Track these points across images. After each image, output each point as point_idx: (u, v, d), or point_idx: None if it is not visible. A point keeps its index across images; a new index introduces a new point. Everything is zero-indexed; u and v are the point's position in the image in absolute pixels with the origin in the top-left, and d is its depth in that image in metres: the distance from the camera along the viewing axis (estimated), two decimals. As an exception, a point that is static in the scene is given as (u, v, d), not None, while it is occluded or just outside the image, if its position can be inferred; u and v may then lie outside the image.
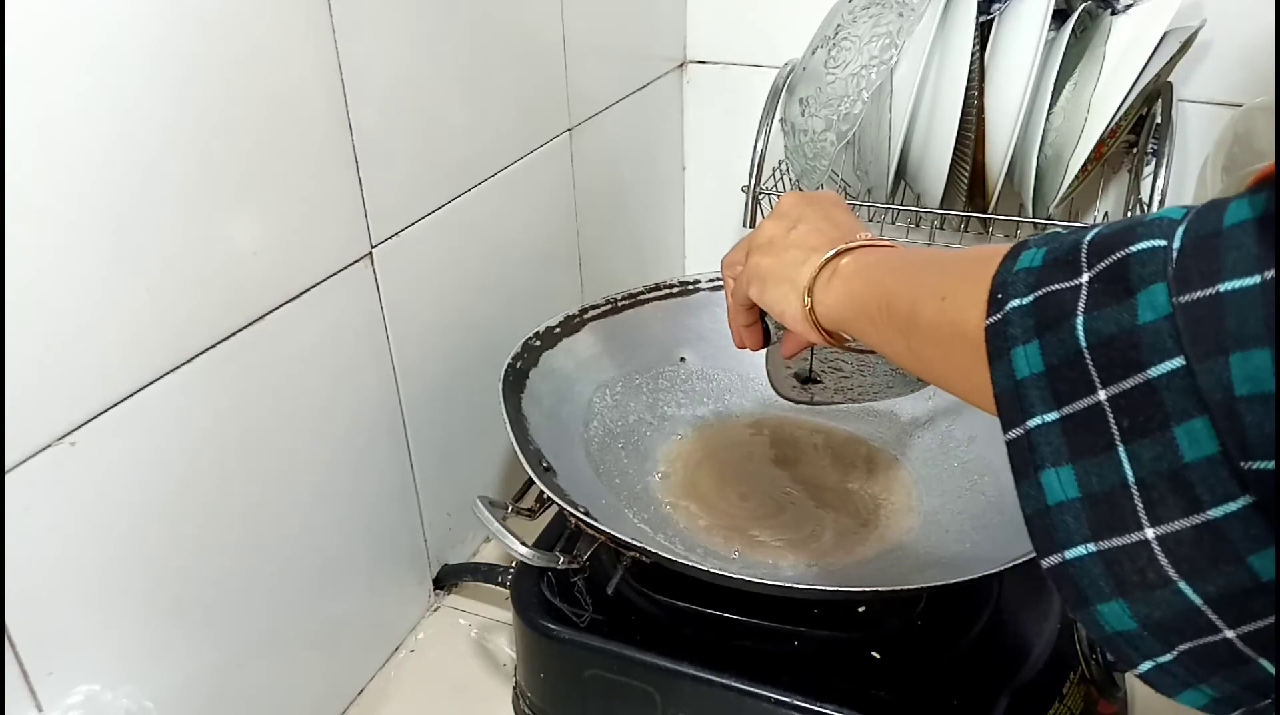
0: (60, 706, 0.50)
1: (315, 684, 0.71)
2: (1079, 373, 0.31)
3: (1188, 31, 0.80)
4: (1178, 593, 0.29)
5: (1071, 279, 0.31)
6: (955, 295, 0.38)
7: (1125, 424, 0.30)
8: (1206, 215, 0.29)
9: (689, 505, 0.72)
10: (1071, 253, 0.32)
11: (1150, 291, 0.29)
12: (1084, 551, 0.31)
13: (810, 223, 0.53)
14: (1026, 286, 0.33)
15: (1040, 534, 0.33)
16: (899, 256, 0.48)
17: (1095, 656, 0.65)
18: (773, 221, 0.55)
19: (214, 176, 0.53)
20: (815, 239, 0.52)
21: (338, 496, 0.69)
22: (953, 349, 0.38)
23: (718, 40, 1.06)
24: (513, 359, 0.73)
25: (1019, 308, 0.33)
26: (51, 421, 0.47)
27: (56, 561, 0.49)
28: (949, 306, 0.38)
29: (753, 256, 0.55)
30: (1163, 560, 0.29)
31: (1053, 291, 0.32)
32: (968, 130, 0.80)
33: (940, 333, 0.39)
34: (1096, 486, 0.31)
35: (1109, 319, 0.30)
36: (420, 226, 0.71)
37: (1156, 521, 0.29)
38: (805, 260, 0.51)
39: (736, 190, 0.92)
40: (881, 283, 0.46)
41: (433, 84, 0.69)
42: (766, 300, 0.54)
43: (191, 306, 0.54)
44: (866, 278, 0.48)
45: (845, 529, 0.70)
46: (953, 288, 0.39)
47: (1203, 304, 0.28)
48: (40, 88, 0.43)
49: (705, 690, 0.60)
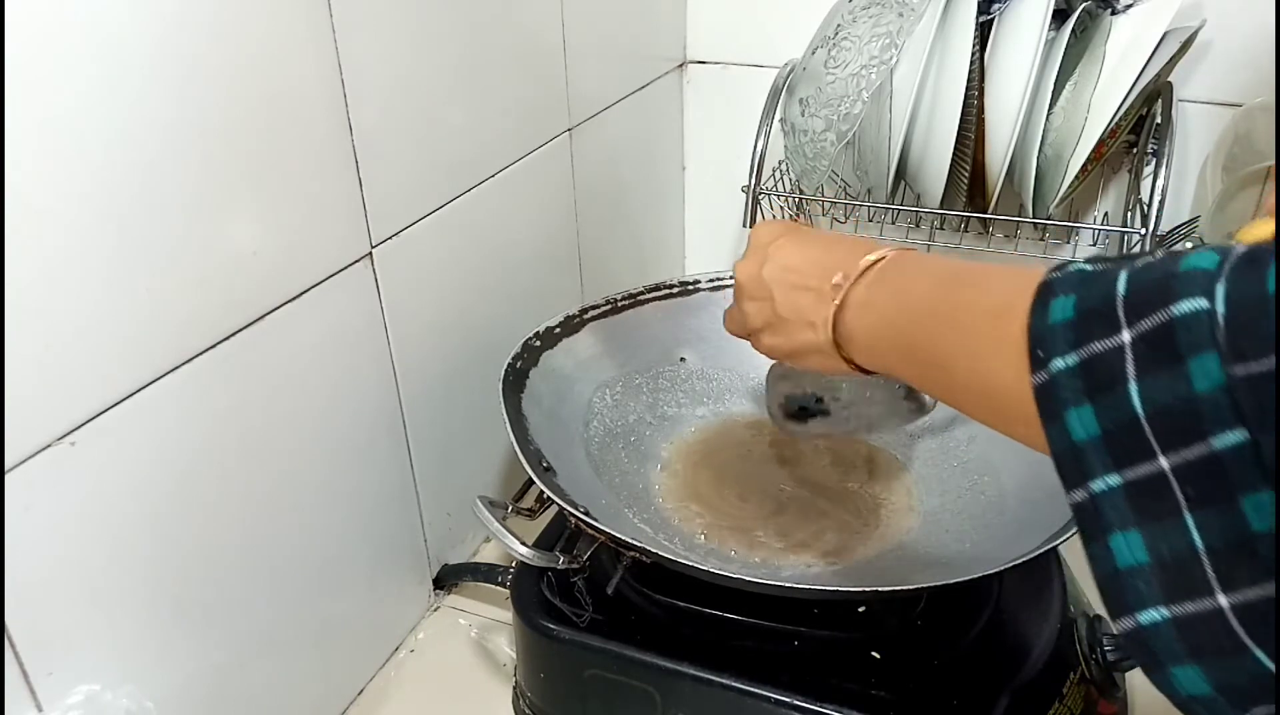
0: (60, 706, 0.50)
1: (315, 684, 0.71)
2: (1138, 440, 0.30)
3: (1188, 31, 0.80)
4: (1254, 660, 0.29)
5: (1112, 336, 0.31)
6: (986, 356, 0.38)
7: (1191, 492, 0.29)
8: (1247, 275, 0.28)
9: (689, 505, 0.72)
10: (1106, 305, 0.31)
11: (1201, 360, 0.28)
12: (1157, 616, 0.31)
13: (784, 288, 0.53)
14: (1067, 343, 0.33)
15: (1113, 597, 0.32)
16: (910, 297, 0.46)
17: (1095, 656, 0.65)
18: (752, 303, 0.56)
19: (214, 176, 0.53)
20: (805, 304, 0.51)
21: (338, 496, 0.69)
22: (994, 406, 0.38)
23: (718, 40, 1.06)
24: (513, 359, 0.73)
25: (1066, 369, 0.32)
26: (51, 421, 0.47)
27: (56, 561, 0.49)
28: (982, 367, 0.38)
29: (761, 340, 0.56)
30: (1237, 627, 0.29)
31: (1097, 353, 0.31)
32: (968, 130, 0.80)
33: (977, 390, 0.39)
34: (1166, 553, 0.30)
35: (1163, 387, 0.29)
36: (420, 226, 0.71)
37: (1229, 589, 0.29)
38: (812, 323, 0.51)
39: (736, 190, 0.92)
40: (905, 333, 0.45)
41: (433, 84, 0.69)
42: (796, 363, 0.55)
43: (191, 306, 0.54)
44: (889, 322, 0.47)
45: (845, 529, 0.70)
46: (982, 347, 0.38)
47: (1262, 378, 0.27)
48: (40, 88, 0.43)
49: (705, 690, 0.60)
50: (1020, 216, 0.85)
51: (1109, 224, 0.92)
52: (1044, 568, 0.66)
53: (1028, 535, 0.61)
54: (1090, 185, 0.95)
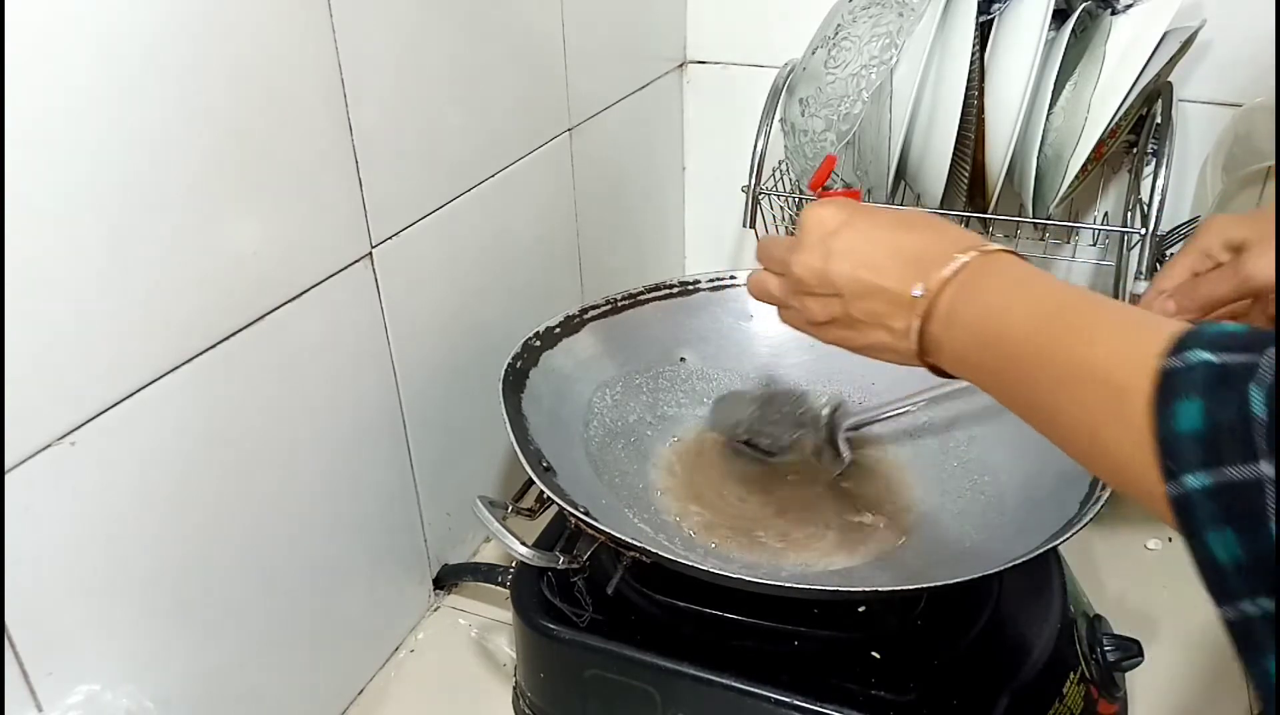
0: (60, 706, 0.50)
1: (315, 684, 0.71)
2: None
3: (1188, 31, 0.80)
4: None
5: (1249, 463, 0.30)
6: (1102, 425, 0.37)
7: None
8: None
9: (689, 505, 0.72)
10: (1241, 427, 0.31)
11: None
12: None
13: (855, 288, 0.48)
14: (1199, 461, 0.32)
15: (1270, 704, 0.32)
16: (1005, 326, 0.43)
17: (1095, 656, 0.65)
18: (817, 301, 0.50)
19: (214, 176, 0.53)
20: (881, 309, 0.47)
21: (338, 496, 0.69)
22: (1108, 469, 0.38)
23: (718, 40, 1.06)
24: (513, 359, 0.73)
25: (1201, 489, 0.32)
26: (51, 421, 0.47)
27: (56, 561, 0.49)
28: (1098, 434, 0.37)
29: (828, 333, 0.52)
30: None
31: (1235, 482, 0.31)
32: (968, 130, 0.80)
33: (1085, 448, 0.38)
34: None
35: None
36: (420, 226, 0.71)
37: None
38: (890, 328, 0.47)
39: (736, 190, 0.92)
40: (1001, 365, 0.43)
41: (433, 84, 0.69)
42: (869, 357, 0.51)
43: (191, 306, 0.54)
44: (980, 344, 0.44)
45: (845, 529, 0.70)
46: (1096, 417, 0.37)
47: None
48: (40, 87, 0.43)
49: (705, 690, 0.60)
50: (1020, 216, 0.85)
51: (1109, 224, 0.92)
52: (1044, 568, 0.66)
53: (1028, 535, 0.61)
54: (1090, 185, 0.95)
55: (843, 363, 0.80)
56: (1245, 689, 0.73)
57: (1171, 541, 0.85)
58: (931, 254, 0.46)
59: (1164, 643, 0.75)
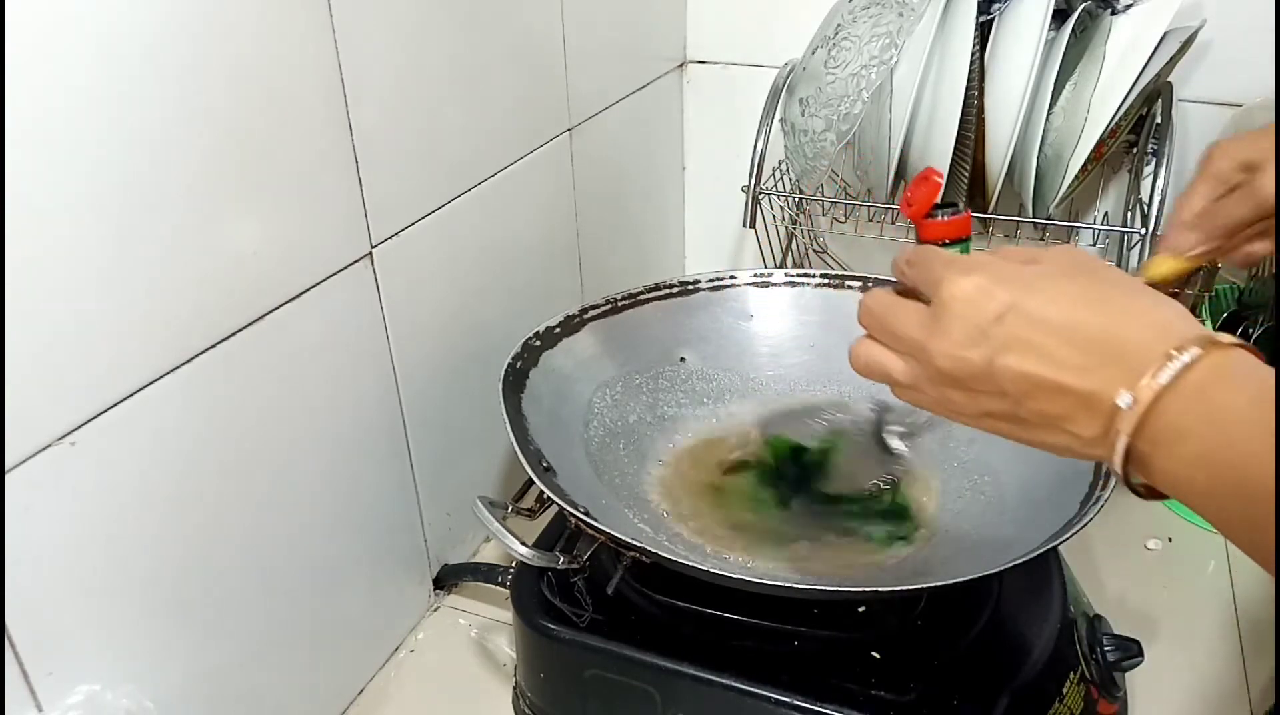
0: (60, 706, 0.50)
1: (315, 684, 0.71)
2: None
3: (1188, 31, 0.80)
4: None
5: None
6: None
7: None
8: None
9: (689, 505, 0.72)
10: None
11: None
12: None
13: (1029, 389, 0.38)
14: None
15: None
16: (1245, 454, 0.34)
17: (1095, 656, 0.65)
18: (969, 396, 0.41)
19: (214, 176, 0.53)
20: (1066, 412, 0.38)
21: (338, 496, 0.69)
22: None
23: (718, 40, 1.06)
24: (513, 359, 0.73)
25: None
26: (51, 421, 0.47)
27: (56, 561, 0.49)
28: None
29: (980, 424, 0.42)
30: None
31: None
32: (968, 130, 0.80)
33: None
34: None
35: None
36: (420, 226, 0.71)
37: None
38: (1077, 436, 0.38)
39: (736, 190, 0.92)
40: (1241, 499, 0.34)
41: (432, 84, 0.69)
42: None
43: (191, 306, 0.54)
44: (1210, 469, 0.35)
45: (846, 529, 0.70)
46: None
47: None
48: (40, 87, 0.43)
49: (705, 690, 0.60)
50: (1020, 216, 0.85)
51: (1109, 224, 0.92)
52: (1044, 568, 0.66)
53: (1028, 535, 0.61)
54: (1090, 185, 0.95)
55: (844, 362, 0.80)
56: (1245, 689, 0.73)
57: (1171, 541, 0.85)
58: (1135, 346, 0.37)
59: (1164, 643, 0.75)
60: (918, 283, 0.43)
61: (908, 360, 0.43)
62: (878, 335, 0.45)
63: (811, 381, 0.81)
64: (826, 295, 0.83)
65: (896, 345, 0.44)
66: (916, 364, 0.43)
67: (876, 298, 0.45)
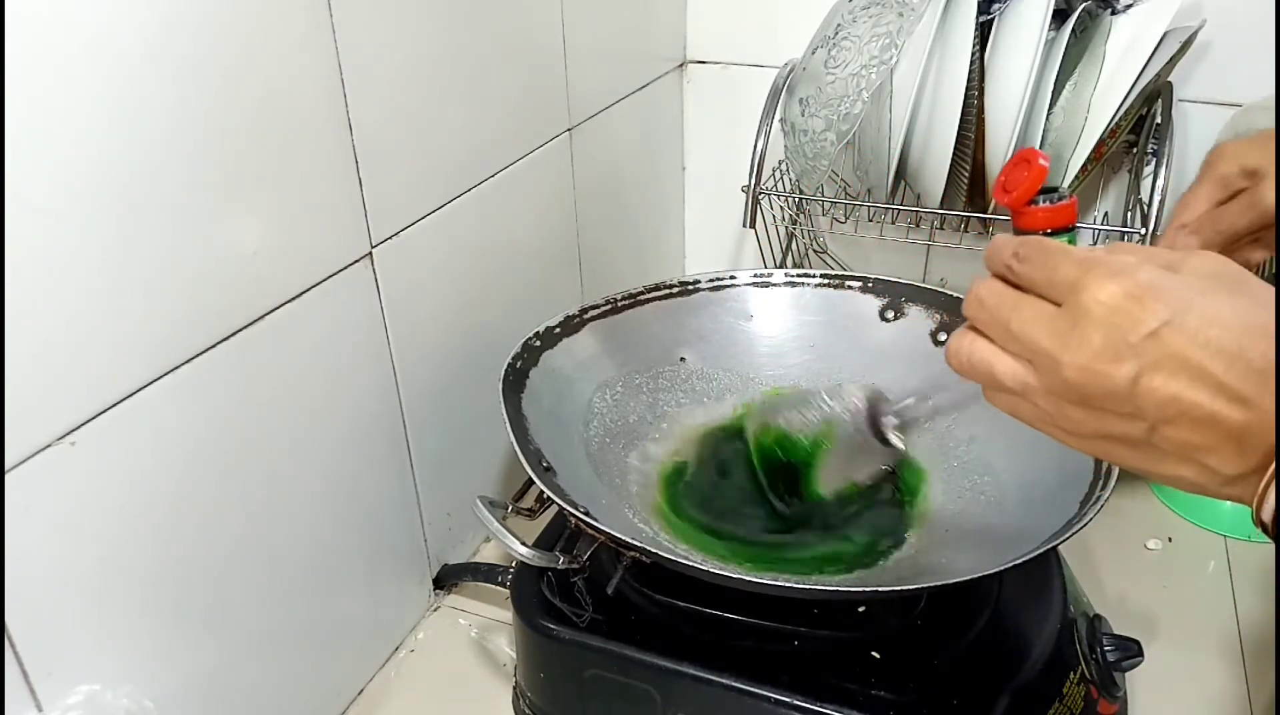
0: (60, 706, 0.50)
1: (315, 684, 0.71)
2: None
3: (1188, 31, 0.80)
4: None
5: None
6: None
7: None
8: None
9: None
10: None
11: None
12: None
13: (1170, 413, 0.35)
14: None
15: None
16: None
17: (1095, 656, 0.65)
18: (1094, 416, 0.37)
19: (213, 176, 0.53)
20: (1206, 443, 0.35)
21: (338, 496, 0.69)
22: None
23: (718, 40, 1.06)
24: (513, 359, 0.73)
25: None
26: (51, 421, 0.47)
27: (56, 561, 0.49)
28: None
29: (1093, 446, 0.38)
30: None
31: None
32: (968, 130, 0.80)
33: None
34: None
35: None
36: (420, 226, 0.71)
37: None
38: (1212, 471, 0.35)
39: (736, 190, 0.92)
40: None
41: (433, 83, 0.69)
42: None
43: (191, 306, 0.54)
44: None
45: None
46: None
47: None
48: (39, 87, 0.43)
49: (705, 690, 0.60)
50: (1020, 216, 0.85)
51: (1109, 224, 0.92)
52: (1044, 568, 0.66)
53: (1028, 535, 0.60)
54: (1090, 185, 0.95)
55: (844, 362, 0.81)
56: (1245, 689, 0.73)
57: (1171, 541, 0.85)
58: None
59: (1164, 643, 0.75)
60: (1036, 281, 0.38)
61: (1024, 365, 0.38)
62: (989, 331, 0.40)
63: (812, 381, 0.81)
64: (826, 295, 0.83)
65: (1012, 346, 0.39)
66: (1033, 371, 0.38)
67: (993, 289, 0.40)
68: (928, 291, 0.81)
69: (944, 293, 0.80)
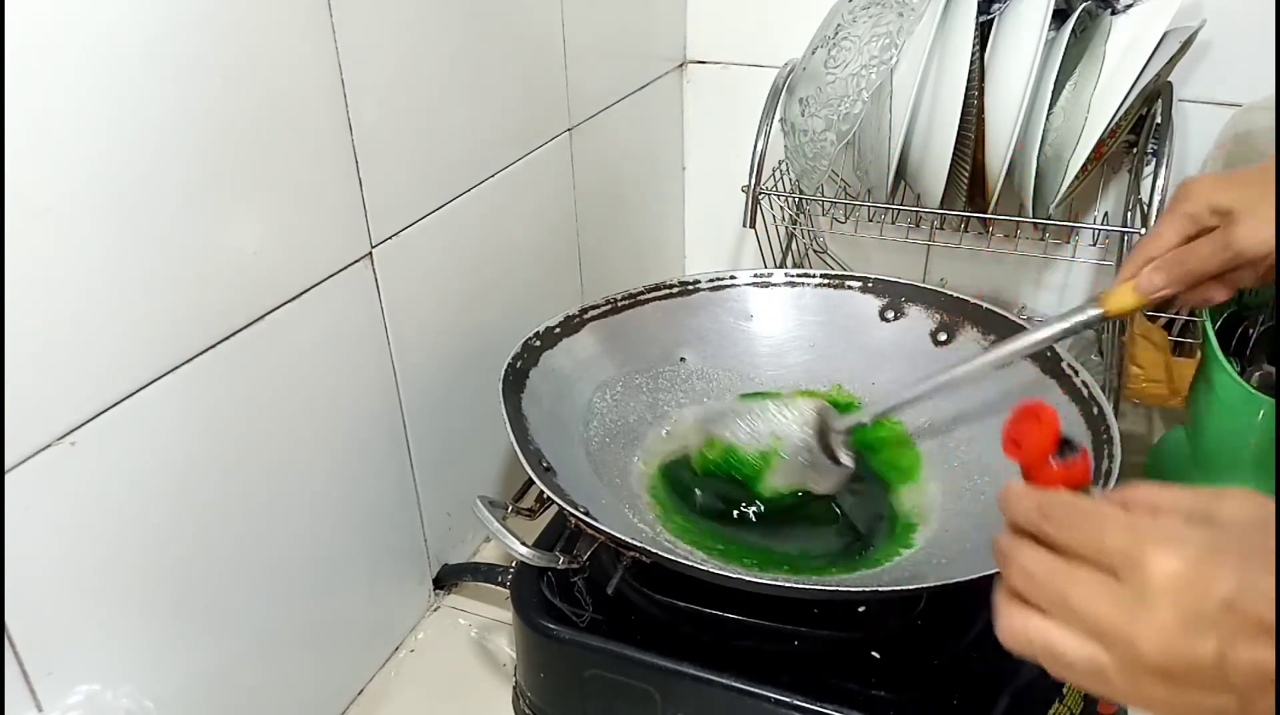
0: (60, 706, 0.50)
1: (315, 684, 0.71)
2: None
3: (1188, 31, 0.80)
4: None
5: None
6: None
7: None
8: None
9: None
10: None
11: None
12: None
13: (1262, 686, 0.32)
14: None
15: None
16: None
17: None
18: (1177, 692, 0.34)
19: (214, 176, 0.53)
20: None
21: (338, 496, 0.69)
22: None
23: (718, 40, 1.06)
24: (513, 359, 0.73)
25: None
26: (51, 421, 0.47)
27: (56, 561, 0.49)
28: None
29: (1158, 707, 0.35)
30: None
31: None
32: (968, 130, 0.80)
33: None
34: None
35: None
36: (420, 226, 0.71)
37: None
38: None
39: (736, 190, 0.92)
40: None
41: (432, 83, 0.69)
42: None
43: (191, 306, 0.54)
44: None
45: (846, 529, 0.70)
46: None
47: None
48: (40, 87, 0.43)
49: (705, 690, 0.60)
50: (1020, 216, 0.85)
51: (1109, 224, 0.92)
52: (1044, 568, 0.66)
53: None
54: (1090, 185, 0.95)
55: (844, 362, 0.81)
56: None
57: (1171, 541, 0.84)
58: None
59: (1164, 643, 0.75)
60: (1083, 550, 0.36)
61: (1093, 644, 0.35)
62: (1044, 605, 0.36)
63: (812, 381, 0.81)
64: (826, 295, 0.83)
65: (1075, 624, 0.35)
66: (1106, 651, 0.35)
67: (1039, 559, 0.37)
68: (928, 291, 0.81)
69: (944, 293, 0.80)
